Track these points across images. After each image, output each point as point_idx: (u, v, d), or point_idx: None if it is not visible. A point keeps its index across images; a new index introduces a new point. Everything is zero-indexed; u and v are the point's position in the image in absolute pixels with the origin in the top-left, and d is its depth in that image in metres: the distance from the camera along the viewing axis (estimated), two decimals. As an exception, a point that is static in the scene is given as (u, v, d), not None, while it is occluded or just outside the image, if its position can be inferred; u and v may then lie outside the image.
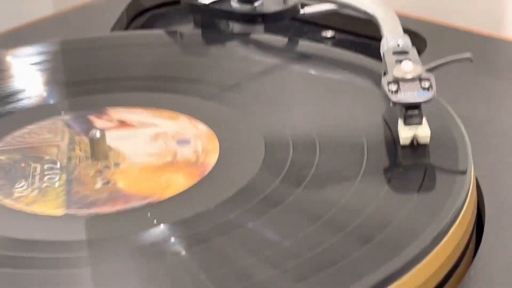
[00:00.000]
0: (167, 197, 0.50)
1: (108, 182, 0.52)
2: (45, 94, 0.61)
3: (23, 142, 0.56)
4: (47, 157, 0.54)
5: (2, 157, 0.55)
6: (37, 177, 0.53)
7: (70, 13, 0.76)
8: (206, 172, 0.51)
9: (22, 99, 0.60)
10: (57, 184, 0.52)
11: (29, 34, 0.72)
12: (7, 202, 0.51)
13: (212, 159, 0.53)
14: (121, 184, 0.52)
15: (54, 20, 0.76)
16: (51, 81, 0.62)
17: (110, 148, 0.54)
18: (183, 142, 0.55)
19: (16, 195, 0.52)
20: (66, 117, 0.58)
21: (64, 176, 0.52)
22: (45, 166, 0.54)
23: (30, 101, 0.60)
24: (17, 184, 0.53)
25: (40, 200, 0.51)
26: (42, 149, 0.55)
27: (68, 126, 0.57)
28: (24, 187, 0.52)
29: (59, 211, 0.50)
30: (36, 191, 0.51)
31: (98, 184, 0.52)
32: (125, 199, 0.50)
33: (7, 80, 0.62)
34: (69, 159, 0.54)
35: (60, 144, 0.55)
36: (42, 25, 0.75)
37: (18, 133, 0.57)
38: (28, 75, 0.63)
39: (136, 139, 0.55)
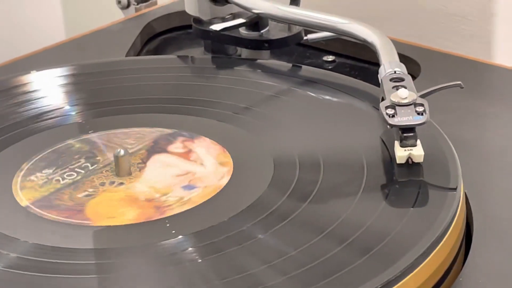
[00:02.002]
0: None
1: (89, 195, 0.52)
2: (73, 113, 0.61)
3: (107, 139, 0.57)
4: (98, 157, 0.55)
5: (76, 144, 0.56)
6: (66, 169, 0.54)
7: (89, 37, 0.76)
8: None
9: (52, 117, 0.60)
10: (62, 182, 0.53)
11: (48, 59, 0.72)
12: (18, 180, 0.53)
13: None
14: (91, 204, 0.52)
15: (74, 43, 0.75)
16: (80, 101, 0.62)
17: (140, 168, 0.55)
18: (189, 187, 0.54)
19: (31, 177, 0.53)
20: (163, 130, 0.58)
21: (78, 178, 0.53)
22: (84, 164, 0.55)
23: (54, 120, 0.60)
24: (47, 169, 0.54)
25: (33, 188, 0.52)
26: (105, 150, 0.56)
27: (153, 140, 0.57)
28: (45, 174, 0.53)
29: (26, 202, 0.51)
30: (44, 180, 0.53)
31: (82, 194, 0.52)
32: (81, 217, 0.50)
33: (37, 100, 0.62)
34: (105, 166, 0.54)
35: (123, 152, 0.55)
36: (60, 49, 0.75)
37: (116, 131, 0.58)
38: (57, 95, 0.63)
39: (170, 169, 0.55)
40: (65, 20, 1.11)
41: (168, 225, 0.49)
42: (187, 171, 0.54)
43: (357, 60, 0.71)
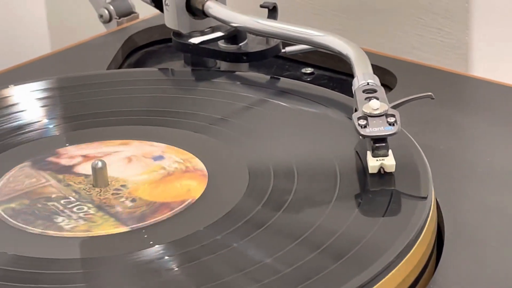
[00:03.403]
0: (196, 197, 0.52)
1: (134, 200, 0.53)
2: (50, 125, 0.61)
3: (14, 190, 0.54)
4: (53, 196, 0.54)
5: (13, 205, 0.53)
6: (67, 211, 0.52)
7: (71, 50, 0.76)
8: (197, 198, 0.52)
9: (31, 130, 0.60)
10: (92, 211, 0.52)
11: (30, 71, 0.72)
12: (66, 233, 0.50)
13: (201, 186, 0.53)
14: (147, 197, 0.53)
15: (57, 57, 0.75)
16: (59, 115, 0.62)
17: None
18: (157, 158, 0.55)
19: (66, 227, 0.51)
20: (28, 163, 0.56)
21: (89, 205, 0.52)
22: (62, 201, 0.53)
23: (37, 133, 0.60)
24: (56, 219, 0.52)
25: (94, 225, 0.51)
26: (40, 191, 0.54)
27: (39, 169, 0.56)
28: (66, 221, 0.51)
29: (122, 229, 0.50)
30: (81, 220, 0.51)
31: (127, 202, 0.52)
32: (166, 206, 0.52)
33: (15, 113, 0.62)
34: (76, 192, 0.54)
35: (51, 183, 0.55)
36: (43, 63, 0.74)
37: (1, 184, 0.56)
38: (36, 109, 0.63)
39: (113, 165, 0.55)
40: (50, 33, 1.11)
41: (146, 236, 0.50)
42: (128, 156, 0.56)
43: (335, 72, 0.72)
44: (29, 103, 0.64)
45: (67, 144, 0.58)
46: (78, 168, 0.56)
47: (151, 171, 0.55)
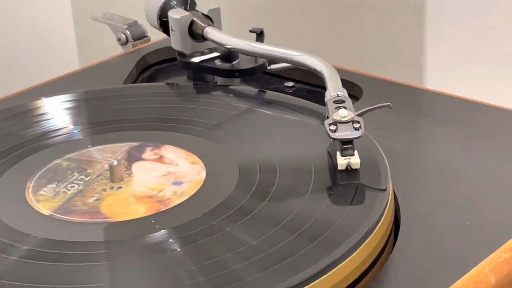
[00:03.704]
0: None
1: (98, 199, 0.52)
2: (75, 131, 0.60)
3: (87, 155, 0.56)
4: (88, 170, 0.55)
5: (64, 163, 0.55)
6: (66, 183, 0.53)
7: (93, 68, 0.76)
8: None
9: (59, 135, 0.60)
10: (69, 192, 0.52)
11: (61, 85, 0.72)
12: (31, 196, 0.52)
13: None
14: (104, 205, 0.52)
15: (82, 74, 0.75)
16: (81, 121, 0.62)
17: (128, 174, 0.55)
18: (177, 183, 0.54)
19: (41, 192, 0.52)
20: (131, 144, 0.57)
21: (80, 188, 0.53)
22: (80, 177, 0.54)
23: (63, 137, 0.59)
24: (50, 184, 0.53)
25: (48, 200, 0.51)
26: (93, 164, 0.55)
27: (127, 151, 0.57)
28: (51, 188, 0.52)
29: (49, 211, 0.51)
30: (53, 193, 0.52)
31: (91, 200, 0.52)
32: (101, 216, 0.51)
33: (45, 121, 0.62)
34: (99, 175, 0.54)
35: (107, 163, 0.54)
36: (71, 78, 0.74)
37: (90, 149, 0.57)
38: (64, 117, 0.63)
39: (153, 172, 0.55)
40: (78, 54, 1.12)
41: (153, 221, 0.50)
42: (168, 172, 0.55)
43: (313, 85, 0.71)
44: (57, 112, 0.64)
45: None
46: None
47: (150, 188, 0.54)
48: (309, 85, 0.72)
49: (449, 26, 0.80)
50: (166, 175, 0.54)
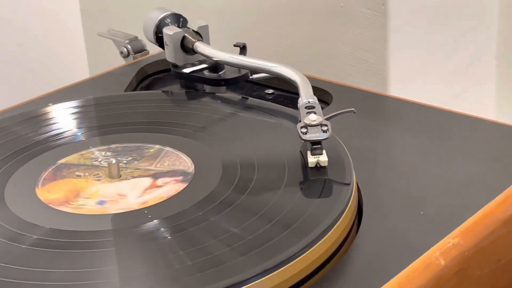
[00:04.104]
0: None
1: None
2: (79, 133, 0.60)
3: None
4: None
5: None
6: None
7: (99, 78, 0.75)
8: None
9: (63, 137, 0.60)
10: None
11: (69, 93, 0.71)
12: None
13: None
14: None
15: (89, 82, 0.75)
16: (85, 125, 0.62)
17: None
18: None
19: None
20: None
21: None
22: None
23: (67, 139, 0.59)
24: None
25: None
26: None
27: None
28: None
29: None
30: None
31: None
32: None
33: (52, 125, 0.62)
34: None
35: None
36: (79, 87, 0.74)
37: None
38: (69, 121, 0.62)
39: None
40: (89, 64, 1.12)
41: (146, 212, 0.50)
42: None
43: (290, 92, 0.71)
44: (63, 117, 0.64)
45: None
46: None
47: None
48: (287, 92, 0.72)
49: (409, 41, 0.80)
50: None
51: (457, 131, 0.61)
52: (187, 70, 0.68)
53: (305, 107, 0.55)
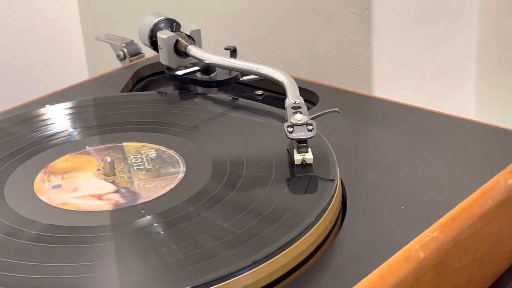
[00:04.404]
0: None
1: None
2: (75, 133, 0.60)
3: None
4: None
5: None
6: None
7: (96, 80, 0.75)
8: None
9: (62, 137, 0.59)
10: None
11: (68, 94, 0.71)
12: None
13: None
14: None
15: (87, 84, 0.74)
16: (81, 125, 0.61)
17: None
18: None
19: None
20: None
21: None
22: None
23: (64, 138, 0.59)
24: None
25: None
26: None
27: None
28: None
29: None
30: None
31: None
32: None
33: (50, 125, 0.61)
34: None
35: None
36: (79, 88, 0.73)
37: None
38: (65, 121, 0.62)
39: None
40: (88, 66, 1.11)
41: (139, 207, 0.49)
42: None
43: (278, 93, 0.71)
44: (60, 117, 0.63)
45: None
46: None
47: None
48: (276, 93, 0.71)
49: (392, 44, 0.80)
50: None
51: (438, 130, 0.61)
52: (180, 72, 0.68)
53: (292, 107, 0.55)
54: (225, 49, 0.68)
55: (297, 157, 0.52)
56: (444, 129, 0.61)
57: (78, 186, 0.52)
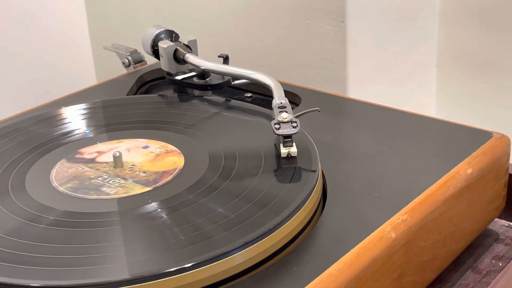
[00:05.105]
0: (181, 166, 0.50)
1: (145, 172, 0.51)
2: (87, 130, 0.60)
3: (64, 176, 0.52)
4: (92, 176, 0.52)
5: (70, 185, 0.51)
6: (106, 184, 0.51)
7: (104, 84, 0.75)
8: (177, 171, 0.51)
9: (75, 134, 0.59)
10: (122, 181, 0.51)
11: (80, 97, 0.70)
12: (54, 179, 0.51)
13: (180, 164, 0.53)
14: (151, 169, 0.51)
15: (96, 88, 0.74)
16: (92, 124, 0.61)
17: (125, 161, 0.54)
18: (145, 147, 0.54)
19: (62, 176, 0.51)
20: (64, 160, 0.54)
21: (119, 178, 0.51)
22: (99, 179, 0.51)
23: (79, 136, 0.59)
24: (102, 189, 0.50)
25: (129, 189, 0.50)
26: (82, 175, 0.52)
27: (73, 162, 0.54)
28: (109, 189, 0.50)
29: (147, 189, 0.49)
30: (119, 188, 0.50)
31: (141, 174, 0.51)
32: (166, 173, 0.50)
33: (65, 124, 0.61)
34: (105, 172, 0.52)
35: (86, 170, 0.52)
36: (88, 92, 0.73)
37: (99, 144, 0.55)
38: (79, 120, 0.62)
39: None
40: (96, 73, 1.11)
41: (146, 197, 0.49)
42: (129, 148, 0.54)
43: (265, 95, 0.71)
44: (74, 118, 0.63)
45: (97, 142, 0.57)
46: (98, 159, 0.55)
47: (145, 155, 0.54)
48: (263, 95, 0.71)
49: (364, 52, 0.80)
50: (130, 150, 0.54)
51: (405, 127, 0.61)
52: (179, 77, 0.67)
53: (278, 107, 0.55)
54: (219, 56, 0.68)
55: (283, 151, 0.52)
56: (410, 126, 0.62)
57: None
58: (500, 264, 0.56)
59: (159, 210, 0.48)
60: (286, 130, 0.52)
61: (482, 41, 0.86)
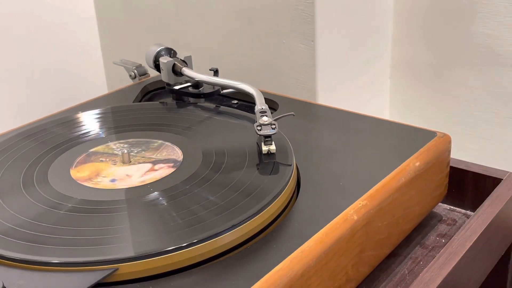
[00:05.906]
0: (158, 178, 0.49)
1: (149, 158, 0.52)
2: (100, 132, 0.59)
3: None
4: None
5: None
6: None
7: (114, 93, 0.74)
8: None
9: (90, 135, 0.59)
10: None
11: (94, 104, 0.70)
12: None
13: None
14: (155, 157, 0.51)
15: (107, 97, 0.73)
16: (104, 126, 0.60)
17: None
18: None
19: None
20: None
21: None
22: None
23: (93, 136, 0.58)
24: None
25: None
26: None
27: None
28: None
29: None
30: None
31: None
32: (167, 163, 0.50)
33: (82, 126, 0.61)
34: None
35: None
36: (100, 100, 0.72)
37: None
38: (93, 124, 0.61)
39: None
40: (107, 84, 1.10)
41: (149, 186, 0.49)
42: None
43: (249, 102, 0.70)
44: (89, 121, 0.62)
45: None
46: (109, 158, 0.54)
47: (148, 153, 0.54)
48: (247, 102, 0.71)
49: (331, 65, 0.80)
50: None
51: (365, 128, 0.62)
52: (177, 87, 0.67)
53: (260, 112, 0.55)
54: (210, 70, 0.67)
55: (264, 148, 0.52)
56: (369, 127, 0.62)
57: (118, 178, 0.51)
58: (443, 240, 0.57)
59: (160, 198, 0.47)
60: (266, 131, 0.52)
61: (427, 57, 0.86)
